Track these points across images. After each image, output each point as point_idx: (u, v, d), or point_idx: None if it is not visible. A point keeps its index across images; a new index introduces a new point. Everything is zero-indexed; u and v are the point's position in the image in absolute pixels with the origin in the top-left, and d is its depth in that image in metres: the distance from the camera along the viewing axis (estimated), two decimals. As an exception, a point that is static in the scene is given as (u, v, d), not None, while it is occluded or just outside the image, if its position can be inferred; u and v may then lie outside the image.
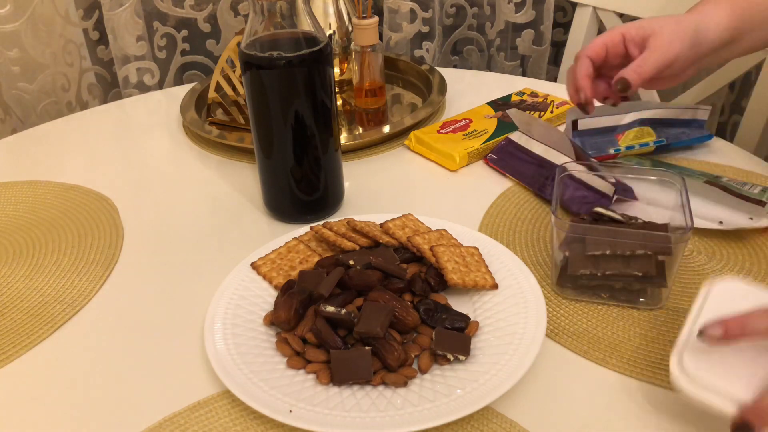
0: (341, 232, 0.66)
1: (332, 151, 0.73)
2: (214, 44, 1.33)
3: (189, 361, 0.58)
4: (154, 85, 1.30)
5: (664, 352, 0.57)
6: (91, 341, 0.62)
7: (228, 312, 0.60)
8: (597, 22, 1.19)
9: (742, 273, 0.65)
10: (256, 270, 0.65)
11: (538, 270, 0.66)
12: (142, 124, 1.03)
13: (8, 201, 0.83)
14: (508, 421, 0.52)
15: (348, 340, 0.56)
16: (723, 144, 0.86)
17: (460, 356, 0.54)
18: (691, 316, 0.51)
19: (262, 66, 0.66)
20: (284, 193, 0.74)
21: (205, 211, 0.80)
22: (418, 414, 0.50)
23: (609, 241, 0.59)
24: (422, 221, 0.70)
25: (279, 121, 0.69)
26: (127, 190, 0.84)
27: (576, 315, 0.61)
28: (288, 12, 0.66)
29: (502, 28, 1.38)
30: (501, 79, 1.12)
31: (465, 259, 0.63)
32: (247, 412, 0.53)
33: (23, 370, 0.59)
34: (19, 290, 0.68)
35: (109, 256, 0.72)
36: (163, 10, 1.26)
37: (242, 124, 0.97)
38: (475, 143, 0.86)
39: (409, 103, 1.04)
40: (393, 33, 1.34)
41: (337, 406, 0.51)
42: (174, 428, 0.52)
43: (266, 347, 0.57)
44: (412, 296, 0.61)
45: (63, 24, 1.19)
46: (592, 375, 0.55)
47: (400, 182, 0.84)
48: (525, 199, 0.78)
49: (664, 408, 0.52)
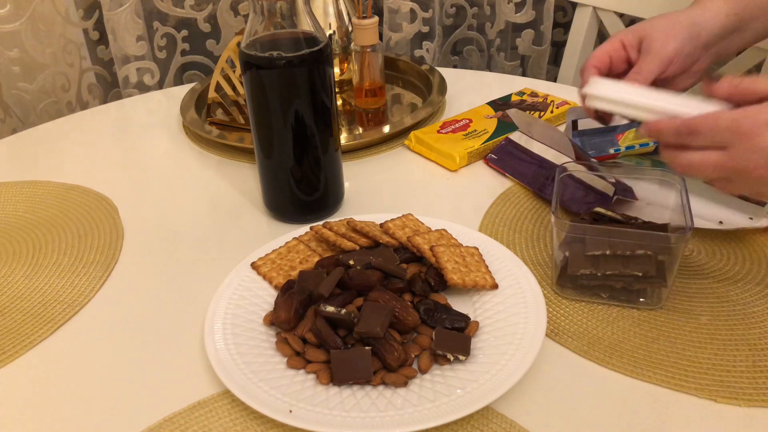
0: (341, 232, 0.66)
1: (332, 151, 0.73)
2: (214, 44, 1.33)
3: (189, 361, 0.58)
4: (154, 85, 1.30)
5: (665, 352, 0.57)
6: (91, 341, 0.62)
7: (228, 312, 0.60)
8: (597, 22, 1.19)
9: (742, 273, 0.65)
10: (256, 270, 0.65)
11: (538, 270, 0.66)
12: (142, 124, 1.03)
13: (8, 201, 0.83)
14: (508, 421, 0.52)
15: (348, 340, 0.56)
16: (723, 144, 0.86)
17: (460, 356, 0.54)
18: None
19: (262, 66, 0.66)
20: (284, 193, 0.74)
21: (205, 211, 0.80)
22: (418, 414, 0.50)
23: (609, 241, 0.59)
24: (422, 221, 0.70)
25: (279, 121, 0.69)
26: (127, 190, 0.84)
27: (576, 315, 0.61)
28: (288, 12, 0.66)
29: (502, 28, 1.38)
30: (501, 79, 1.12)
31: (465, 259, 0.63)
32: (247, 412, 0.53)
33: (23, 370, 0.59)
34: (19, 290, 0.68)
35: (109, 256, 0.72)
36: (163, 10, 1.26)
37: (242, 124, 0.97)
38: (475, 143, 0.86)
39: (409, 103, 1.04)
40: (393, 33, 1.34)
41: (337, 406, 0.51)
42: (174, 428, 0.52)
43: (266, 347, 0.57)
44: (412, 296, 0.61)
45: (63, 24, 1.19)
46: (592, 375, 0.55)
47: (400, 182, 0.84)
48: (525, 199, 0.78)
49: (664, 408, 0.52)
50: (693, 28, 0.65)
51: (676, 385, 0.54)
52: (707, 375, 0.54)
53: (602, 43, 0.66)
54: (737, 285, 0.63)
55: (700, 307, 0.61)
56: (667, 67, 0.64)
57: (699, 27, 0.65)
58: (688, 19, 0.65)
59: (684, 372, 0.55)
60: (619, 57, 0.65)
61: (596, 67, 0.64)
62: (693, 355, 0.56)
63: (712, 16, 0.66)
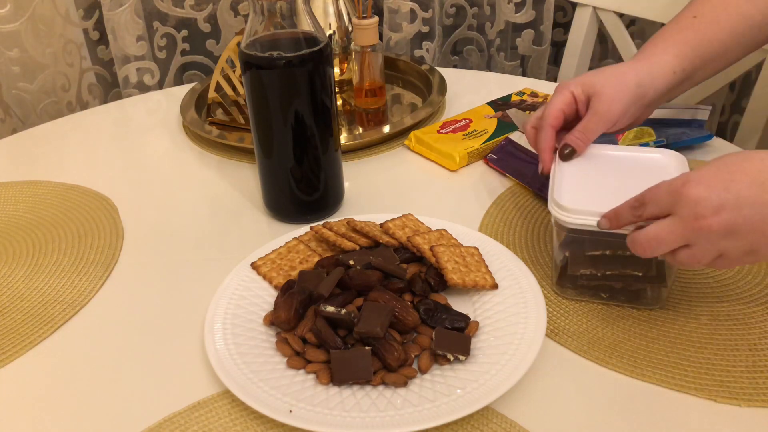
0: (341, 232, 0.66)
1: (332, 151, 0.73)
2: (214, 44, 1.33)
3: (189, 361, 0.58)
4: (154, 85, 1.30)
5: (665, 352, 0.57)
6: (91, 341, 0.62)
7: (228, 312, 0.60)
8: (597, 22, 1.19)
9: (742, 273, 0.65)
10: (256, 270, 0.65)
11: (538, 270, 0.66)
12: (142, 124, 1.03)
13: (8, 201, 0.83)
14: (508, 421, 0.52)
15: (348, 340, 0.56)
16: (723, 144, 0.86)
17: (460, 356, 0.54)
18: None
19: (262, 66, 0.66)
20: (284, 193, 0.74)
21: (205, 211, 0.80)
22: (418, 414, 0.50)
23: (609, 241, 0.59)
24: (422, 221, 0.70)
25: (279, 121, 0.69)
26: (127, 190, 0.84)
27: (576, 315, 0.61)
28: (288, 12, 0.66)
29: (502, 28, 1.38)
30: (501, 79, 1.12)
31: (465, 259, 0.63)
32: (247, 412, 0.53)
33: (23, 370, 0.59)
34: (19, 290, 0.68)
35: (109, 256, 0.72)
36: (163, 10, 1.26)
37: (242, 124, 0.97)
38: (475, 143, 0.86)
39: (409, 103, 1.04)
40: (393, 33, 1.34)
41: (337, 406, 0.51)
42: (174, 428, 0.52)
43: (266, 347, 0.57)
44: (412, 296, 0.61)
45: (63, 24, 1.19)
46: (592, 375, 0.55)
47: (400, 182, 0.84)
48: (525, 199, 0.78)
49: (664, 408, 0.52)
50: (639, 89, 0.66)
51: (676, 385, 0.54)
52: (707, 375, 0.54)
53: (554, 96, 0.67)
54: (737, 285, 0.63)
55: (700, 307, 0.61)
56: (611, 126, 0.66)
57: (645, 88, 0.66)
58: (635, 79, 0.66)
59: (684, 372, 0.55)
60: (571, 111, 0.67)
61: (553, 127, 0.66)
62: (693, 355, 0.56)
63: (659, 75, 0.67)
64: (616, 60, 1.46)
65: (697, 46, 0.68)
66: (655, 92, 0.67)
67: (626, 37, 1.15)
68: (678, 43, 0.68)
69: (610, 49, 1.45)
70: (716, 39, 0.69)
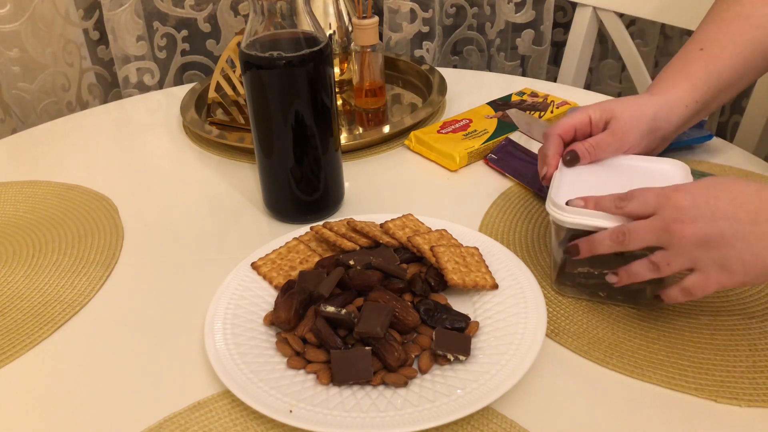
0: (341, 232, 0.66)
1: (332, 151, 0.73)
2: (214, 44, 1.33)
3: (189, 361, 0.58)
4: (154, 85, 1.30)
5: (665, 352, 0.57)
6: (91, 341, 0.62)
7: (228, 312, 0.60)
8: (597, 22, 1.19)
9: (742, 273, 0.65)
10: (256, 270, 0.65)
11: (538, 270, 0.66)
12: (142, 124, 1.03)
13: (8, 201, 0.83)
14: (508, 421, 0.52)
15: (348, 340, 0.56)
16: (723, 144, 0.86)
17: (461, 356, 0.54)
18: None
19: (262, 66, 0.66)
20: (284, 193, 0.74)
21: (205, 211, 0.80)
22: (418, 414, 0.50)
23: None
24: (422, 221, 0.70)
25: (279, 121, 0.69)
26: (127, 190, 0.84)
27: (576, 315, 0.61)
28: (288, 12, 0.66)
29: (502, 28, 1.38)
30: (501, 79, 1.12)
31: (465, 260, 0.63)
32: (247, 412, 0.53)
33: (23, 370, 0.59)
34: (19, 290, 0.68)
35: (109, 256, 0.72)
36: (163, 10, 1.26)
37: (242, 124, 0.97)
38: (475, 143, 0.86)
39: (409, 103, 1.04)
40: (393, 33, 1.34)
41: (337, 406, 0.51)
42: (174, 428, 0.52)
43: (266, 347, 0.57)
44: (412, 296, 0.61)
45: (63, 24, 1.19)
46: (592, 375, 0.56)
47: (400, 182, 0.84)
48: (525, 199, 0.78)
49: (664, 408, 0.52)
50: (654, 122, 0.67)
51: (676, 385, 0.54)
52: (707, 375, 0.54)
53: (571, 113, 0.68)
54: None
55: (700, 307, 0.61)
56: (622, 151, 0.67)
57: (659, 121, 0.67)
58: (651, 111, 0.66)
59: (684, 372, 0.55)
60: (583, 132, 0.67)
61: (560, 136, 0.67)
62: (693, 355, 0.56)
63: (673, 109, 0.67)
64: (615, 60, 1.46)
65: (706, 78, 0.68)
66: (669, 125, 0.67)
67: (626, 37, 1.15)
68: (690, 76, 0.68)
69: (610, 49, 1.45)
70: (726, 69, 0.69)
